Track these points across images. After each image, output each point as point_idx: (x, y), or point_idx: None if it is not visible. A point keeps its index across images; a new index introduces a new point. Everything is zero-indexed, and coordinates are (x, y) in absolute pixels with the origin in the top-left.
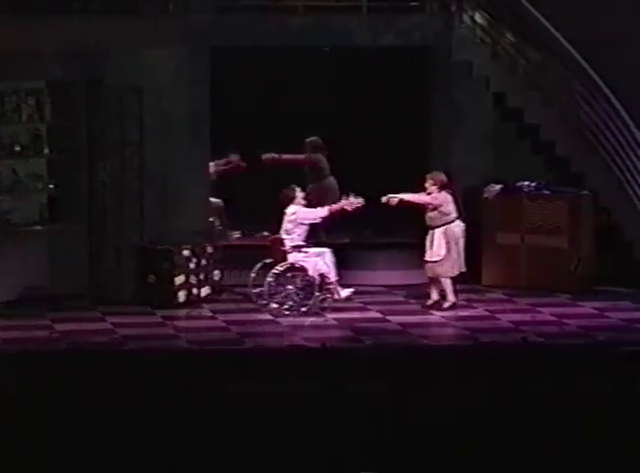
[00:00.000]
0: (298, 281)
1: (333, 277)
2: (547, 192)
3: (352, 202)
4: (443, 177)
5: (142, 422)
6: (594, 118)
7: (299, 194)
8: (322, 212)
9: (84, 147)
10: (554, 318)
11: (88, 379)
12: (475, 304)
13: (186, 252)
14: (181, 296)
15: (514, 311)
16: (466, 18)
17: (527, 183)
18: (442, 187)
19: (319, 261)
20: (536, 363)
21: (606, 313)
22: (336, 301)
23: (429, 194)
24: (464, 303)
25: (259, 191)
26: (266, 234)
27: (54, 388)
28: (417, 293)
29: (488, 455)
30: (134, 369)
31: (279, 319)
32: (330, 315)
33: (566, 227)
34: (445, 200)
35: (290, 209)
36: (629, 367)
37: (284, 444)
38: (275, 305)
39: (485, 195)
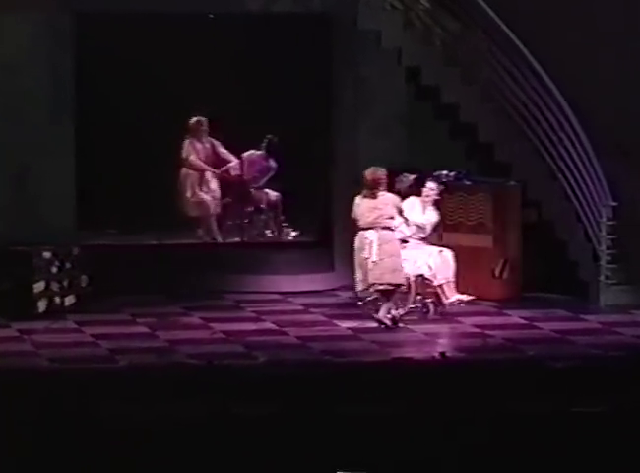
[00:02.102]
0: None
1: (439, 279)
2: (468, 183)
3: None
4: (367, 175)
5: None
6: (522, 98)
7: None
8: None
9: None
10: (477, 330)
11: None
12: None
13: (47, 254)
14: (41, 305)
15: (431, 322)
16: None
17: (445, 173)
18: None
19: (419, 260)
20: (456, 381)
21: (536, 324)
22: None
23: None
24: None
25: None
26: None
27: None
28: (321, 301)
29: None
30: None
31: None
32: (219, 327)
33: (490, 223)
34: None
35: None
36: (563, 385)
37: None
38: (378, 315)
39: (397, 187)
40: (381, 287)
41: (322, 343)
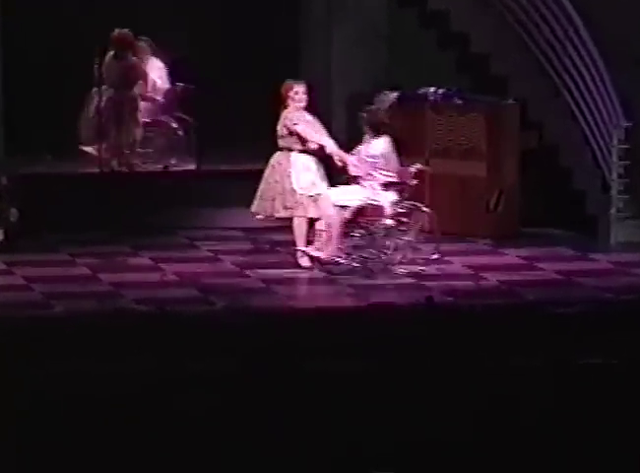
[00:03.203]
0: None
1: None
2: (459, 102)
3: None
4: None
5: None
6: (521, 1)
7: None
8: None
9: None
10: (469, 271)
11: None
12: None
13: None
14: None
15: (415, 263)
16: None
17: (432, 90)
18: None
19: None
20: (444, 330)
21: (537, 264)
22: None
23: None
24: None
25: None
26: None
27: None
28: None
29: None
30: None
31: None
32: (171, 268)
33: (484, 148)
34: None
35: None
36: (568, 334)
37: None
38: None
39: (376, 106)
40: None
41: (290, 287)
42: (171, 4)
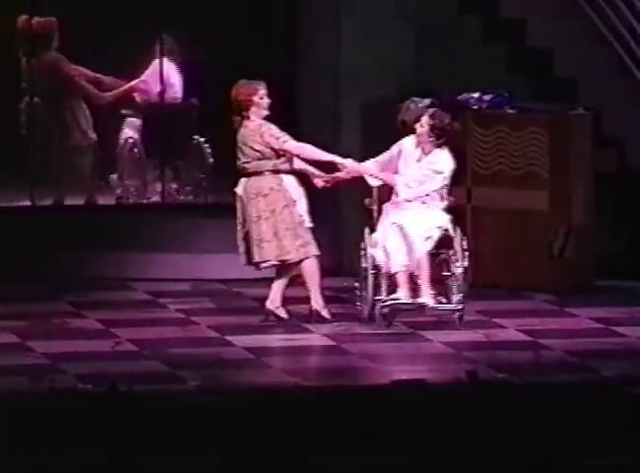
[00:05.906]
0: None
1: (390, 267)
2: (512, 111)
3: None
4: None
5: None
6: None
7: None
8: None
9: None
10: (525, 337)
11: None
12: None
13: None
14: None
15: (453, 326)
16: None
17: (476, 95)
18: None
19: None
20: (491, 415)
21: (615, 328)
22: None
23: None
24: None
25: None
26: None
27: None
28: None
29: None
30: None
31: None
32: (127, 334)
33: (546, 173)
34: None
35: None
36: None
37: None
38: None
39: (403, 117)
40: None
41: (285, 358)
42: None
